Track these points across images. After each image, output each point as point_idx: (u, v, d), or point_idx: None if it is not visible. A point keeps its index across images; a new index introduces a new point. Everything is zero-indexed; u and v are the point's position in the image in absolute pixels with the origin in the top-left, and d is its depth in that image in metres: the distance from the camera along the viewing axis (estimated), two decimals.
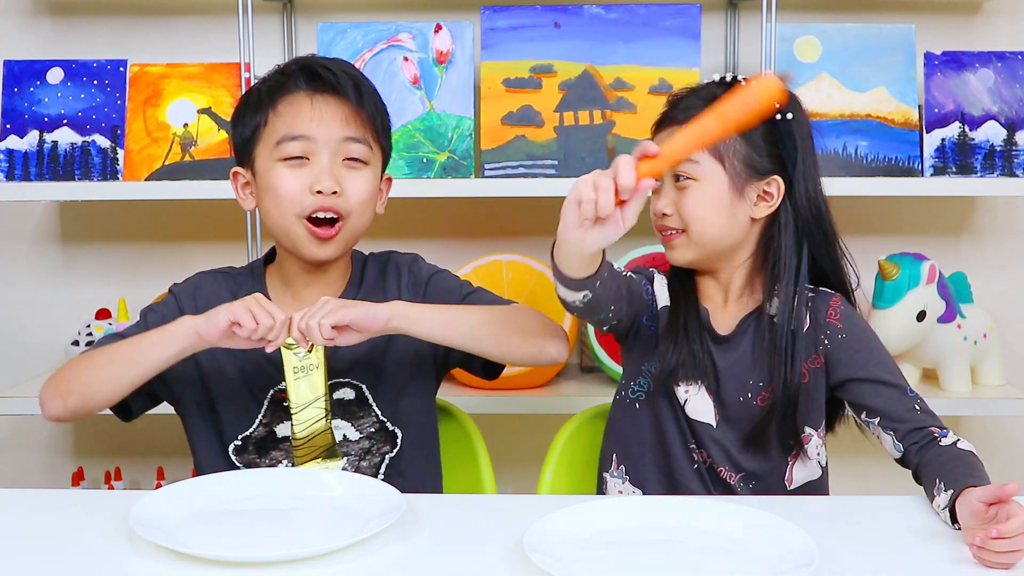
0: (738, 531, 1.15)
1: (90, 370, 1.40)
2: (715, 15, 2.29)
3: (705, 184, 1.39)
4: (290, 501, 1.27)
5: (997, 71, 2.12)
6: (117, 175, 2.12)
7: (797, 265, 1.41)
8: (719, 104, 1.13)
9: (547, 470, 1.61)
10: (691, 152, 1.26)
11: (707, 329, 1.45)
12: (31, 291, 2.40)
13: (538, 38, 2.11)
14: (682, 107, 1.42)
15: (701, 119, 1.14)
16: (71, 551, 1.13)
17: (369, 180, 1.46)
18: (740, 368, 1.43)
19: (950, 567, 1.10)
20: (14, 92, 2.14)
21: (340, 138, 1.43)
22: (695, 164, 1.39)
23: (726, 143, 1.38)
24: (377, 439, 1.50)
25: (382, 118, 1.49)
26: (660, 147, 1.12)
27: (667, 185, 1.43)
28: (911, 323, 2.02)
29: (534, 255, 2.18)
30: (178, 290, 1.54)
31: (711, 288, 1.48)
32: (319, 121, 1.43)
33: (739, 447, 1.43)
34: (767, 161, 1.40)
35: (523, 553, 1.05)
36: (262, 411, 1.49)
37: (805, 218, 1.41)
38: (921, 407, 1.37)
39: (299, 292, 1.52)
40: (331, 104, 1.44)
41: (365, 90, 1.46)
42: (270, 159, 1.44)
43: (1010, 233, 2.37)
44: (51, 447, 2.45)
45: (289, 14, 2.31)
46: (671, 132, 1.41)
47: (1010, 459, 2.41)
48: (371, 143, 1.47)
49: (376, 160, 1.49)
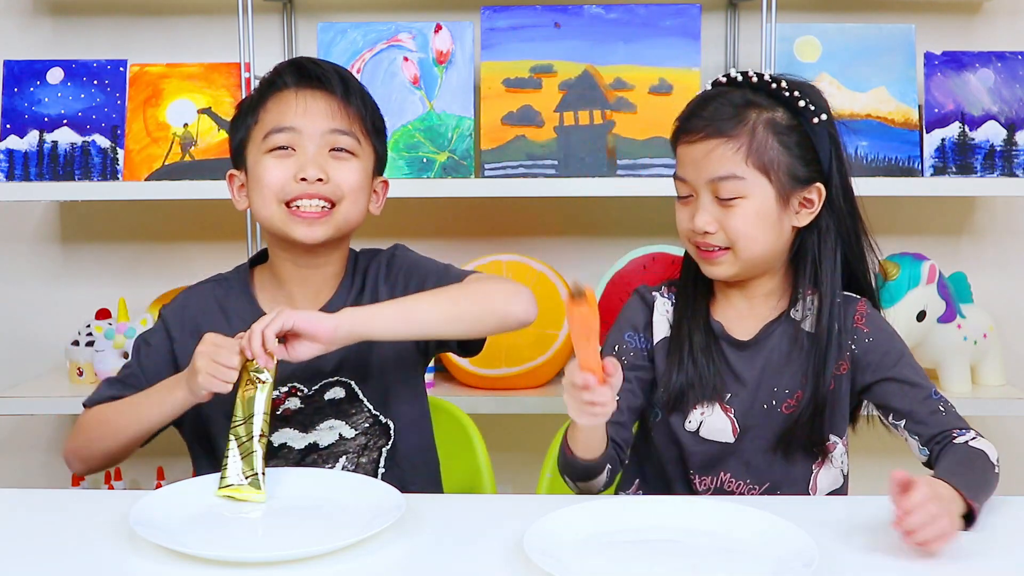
0: (738, 531, 1.15)
1: (100, 438, 1.44)
2: (715, 15, 2.29)
3: (753, 200, 1.35)
4: (290, 501, 1.27)
5: (997, 71, 2.12)
6: (117, 175, 2.12)
7: (833, 270, 1.39)
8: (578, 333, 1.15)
9: (547, 470, 1.61)
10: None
11: (725, 339, 1.43)
12: (31, 291, 2.40)
13: (538, 38, 2.11)
14: (711, 116, 1.36)
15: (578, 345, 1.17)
16: (71, 551, 1.13)
17: (357, 170, 1.46)
18: (765, 375, 1.40)
19: (950, 567, 1.10)
20: (14, 92, 2.14)
21: (326, 129, 1.44)
22: (741, 181, 1.34)
23: (769, 155, 1.34)
24: (372, 434, 1.50)
25: (372, 117, 1.49)
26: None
27: (706, 200, 1.37)
28: (911, 323, 2.02)
29: (534, 255, 2.18)
30: (166, 313, 1.53)
31: (734, 296, 1.45)
32: (304, 113, 1.43)
33: (763, 457, 1.40)
34: (807, 168, 1.37)
35: (523, 553, 1.05)
36: None
37: (841, 220, 1.39)
38: (946, 409, 1.36)
39: (292, 291, 1.51)
40: (317, 97, 1.45)
41: (352, 86, 1.47)
42: (259, 153, 1.45)
43: (1010, 233, 2.37)
44: (51, 447, 2.45)
45: (289, 14, 2.31)
46: (708, 145, 1.35)
47: (1010, 459, 2.39)
48: (359, 136, 1.46)
49: (365, 155, 1.48)
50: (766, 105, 1.36)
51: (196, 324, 1.48)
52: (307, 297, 1.50)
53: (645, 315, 1.48)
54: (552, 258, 2.23)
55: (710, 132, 1.35)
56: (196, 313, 1.51)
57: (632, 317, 1.48)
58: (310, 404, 1.48)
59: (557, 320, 2.08)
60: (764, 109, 1.36)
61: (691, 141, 1.37)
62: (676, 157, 1.42)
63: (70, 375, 2.20)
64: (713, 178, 1.35)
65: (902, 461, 1.41)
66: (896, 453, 1.50)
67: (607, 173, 2.08)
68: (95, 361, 2.12)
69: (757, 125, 1.35)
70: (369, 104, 1.49)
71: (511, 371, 2.06)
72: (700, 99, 1.41)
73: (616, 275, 2.08)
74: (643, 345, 1.46)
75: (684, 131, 1.39)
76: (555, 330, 2.08)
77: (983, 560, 1.12)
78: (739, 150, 1.34)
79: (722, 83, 1.42)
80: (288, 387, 1.47)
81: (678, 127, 1.41)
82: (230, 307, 1.51)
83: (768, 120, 1.35)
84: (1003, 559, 1.13)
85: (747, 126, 1.34)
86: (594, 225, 2.35)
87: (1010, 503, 1.30)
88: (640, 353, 1.46)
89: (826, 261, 1.39)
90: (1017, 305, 2.36)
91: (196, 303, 1.53)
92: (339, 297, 1.51)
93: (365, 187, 1.48)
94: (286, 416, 1.47)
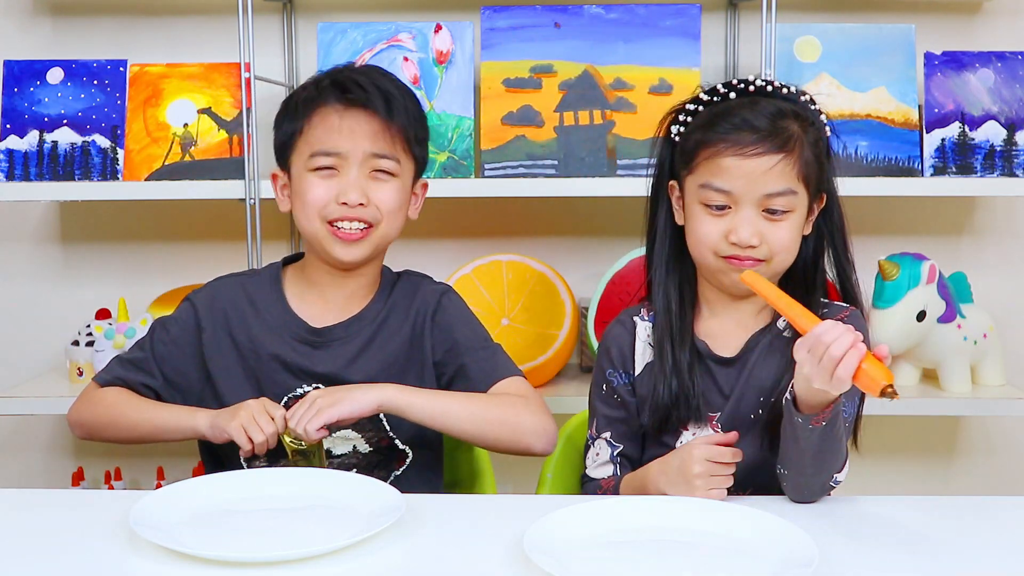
0: (738, 531, 1.15)
1: (110, 425, 1.50)
2: (715, 15, 2.29)
3: (798, 214, 1.36)
4: (290, 501, 1.27)
5: (997, 71, 2.12)
6: (117, 175, 2.12)
7: (823, 278, 1.41)
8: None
9: (547, 470, 1.61)
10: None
11: (711, 357, 1.42)
12: (31, 291, 2.40)
13: (538, 38, 2.11)
14: (763, 130, 1.33)
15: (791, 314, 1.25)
16: (71, 551, 1.13)
17: (396, 191, 1.49)
18: (748, 387, 1.40)
19: (950, 567, 1.10)
20: (14, 92, 2.14)
21: (368, 153, 1.46)
22: (795, 196, 1.34)
23: (809, 168, 1.35)
24: (386, 454, 1.51)
25: (416, 128, 1.51)
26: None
27: (751, 213, 1.34)
28: (911, 323, 2.02)
29: (534, 255, 2.18)
30: (196, 300, 1.55)
31: (723, 311, 1.44)
32: (348, 136, 1.46)
33: (753, 464, 1.39)
34: (821, 179, 1.39)
35: (523, 553, 1.05)
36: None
37: (834, 227, 1.41)
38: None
39: (325, 291, 1.54)
40: (360, 120, 1.46)
41: (396, 104, 1.47)
42: (303, 168, 1.48)
43: (1010, 233, 2.37)
44: (51, 447, 2.45)
45: (289, 14, 2.31)
46: (768, 160, 1.32)
47: (1010, 459, 2.41)
48: (400, 156, 1.49)
49: (406, 171, 1.51)
50: (803, 117, 1.37)
51: (225, 316, 1.50)
52: (338, 301, 1.54)
53: (628, 345, 1.47)
54: (552, 258, 2.23)
55: (769, 147, 1.33)
56: (226, 305, 1.54)
57: (611, 349, 1.48)
58: None
59: (557, 320, 2.08)
60: (801, 122, 1.37)
61: (745, 155, 1.33)
62: (702, 165, 1.36)
63: (70, 375, 2.20)
64: (770, 193, 1.34)
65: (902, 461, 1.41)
66: (896, 453, 1.50)
67: (607, 173, 2.08)
68: (95, 361, 2.12)
69: (801, 139, 1.36)
70: (413, 115, 1.50)
71: None
72: (733, 109, 1.36)
73: (616, 275, 2.08)
74: (624, 380, 1.47)
75: (730, 143, 1.33)
76: (555, 330, 2.08)
77: (983, 560, 1.12)
78: (795, 165, 1.34)
79: (733, 88, 1.39)
80: (312, 386, 1.49)
81: (712, 136, 1.35)
82: (259, 303, 1.54)
83: (807, 134, 1.37)
84: (1003, 559, 1.13)
85: (797, 140, 1.35)
86: (594, 225, 2.35)
87: (1010, 503, 1.30)
88: (625, 388, 1.47)
89: (818, 268, 1.41)
90: (1017, 305, 2.36)
91: (226, 295, 1.55)
92: (370, 311, 1.54)
93: (404, 204, 1.52)
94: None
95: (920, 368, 2.17)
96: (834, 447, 1.26)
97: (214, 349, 1.51)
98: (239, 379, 1.50)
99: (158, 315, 2.10)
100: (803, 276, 1.42)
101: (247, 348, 1.50)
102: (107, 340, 2.10)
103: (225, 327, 1.50)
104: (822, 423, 1.22)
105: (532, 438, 1.45)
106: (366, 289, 1.55)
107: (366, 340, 1.52)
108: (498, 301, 2.09)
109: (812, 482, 1.29)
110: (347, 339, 1.51)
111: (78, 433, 1.54)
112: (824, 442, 1.24)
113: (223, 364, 1.51)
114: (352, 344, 1.51)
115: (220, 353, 1.51)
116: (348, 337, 1.51)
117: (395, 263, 1.63)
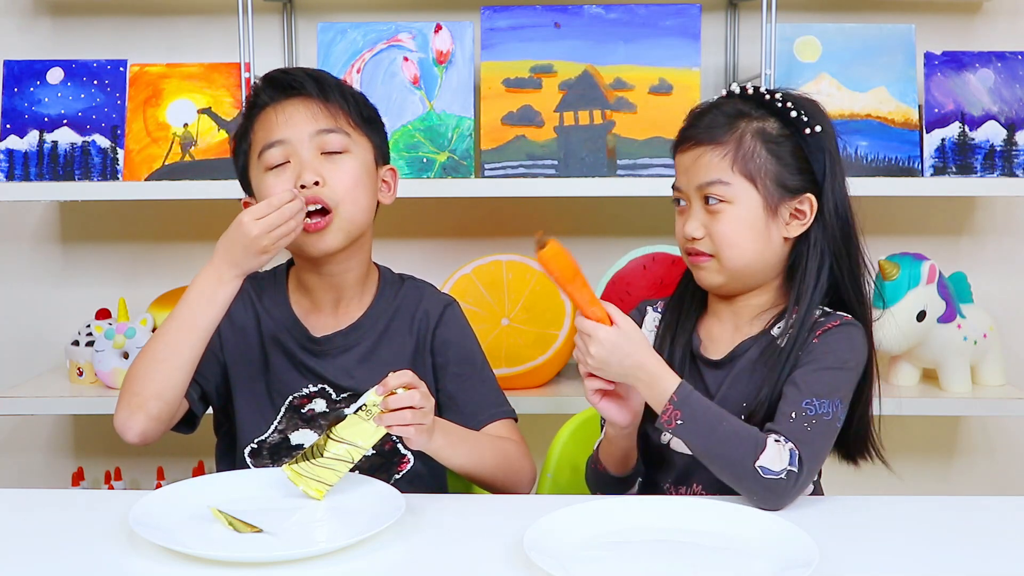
0: (738, 531, 1.15)
1: (150, 368, 1.37)
2: (715, 15, 2.29)
3: (738, 206, 1.36)
4: (290, 501, 1.27)
5: (997, 71, 2.12)
6: (117, 175, 2.12)
7: (814, 285, 1.37)
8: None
9: (547, 470, 1.61)
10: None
11: (700, 358, 1.43)
12: (31, 291, 2.40)
13: (538, 38, 2.11)
14: (704, 126, 1.39)
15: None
16: (71, 551, 1.13)
17: (351, 167, 1.46)
18: (732, 391, 1.39)
19: (950, 567, 1.10)
20: (14, 92, 2.14)
21: (311, 132, 1.45)
22: (727, 186, 1.35)
23: (756, 162, 1.35)
24: (388, 457, 1.51)
25: (359, 108, 1.50)
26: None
27: (696, 206, 1.39)
28: (911, 323, 2.02)
29: (534, 255, 2.18)
30: None
31: (723, 312, 1.44)
32: (287, 123, 1.46)
33: None
34: (798, 179, 1.37)
35: (523, 553, 1.05)
36: (279, 417, 1.50)
37: (832, 234, 1.38)
38: (800, 421, 1.27)
39: (316, 297, 1.54)
40: (297, 105, 1.47)
41: (327, 83, 1.48)
42: (260, 174, 1.48)
43: (1010, 233, 2.37)
44: (51, 447, 2.45)
45: (289, 14, 2.31)
46: (696, 152, 1.38)
47: (1010, 459, 2.41)
48: (347, 131, 1.47)
49: (360, 148, 1.49)
50: (757, 115, 1.38)
51: (229, 312, 1.49)
52: (330, 305, 1.53)
53: (640, 318, 1.50)
54: None
55: (700, 140, 1.38)
56: (252, 293, 1.55)
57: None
58: (334, 410, 1.48)
59: (557, 320, 2.08)
60: (755, 119, 1.38)
61: (683, 150, 1.41)
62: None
63: (70, 375, 2.20)
64: (701, 184, 1.37)
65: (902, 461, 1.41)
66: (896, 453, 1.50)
67: (607, 173, 2.08)
68: (95, 361, 2.12)
69: (746, 133, 1.37)
70: (351, 96, 1.50)
71: (511, 371, 2.05)
72: (695, 112, 1.43)
73: (616, 275, 2.08)
74: None
75: (678, 142, 1.43)
76: (555, 330, 2.08)
77: (983, 560, 1.12)
78: (725, 156, 1.36)
79: (723, 97, 1.43)
80: (319, 387, 1.49)
81: (676, 139, 1.44)
82: (263, 303, 1.54)
83: (758, 129, 1.37)
84: (1003, 559, 1.13)
85: (735, 134, 1.37)
86: (594, 225, 2.35)
87: (1010, 503, 1.30)
88: None
89: (809, 275, 1.38)
90: (1017, 305, 2.36)
91: (248, 283, 1.54)
92: (368, 318, 1.53)
93: (363, 183, 1.48)
94: (310, 416, 1.49)
95: (920, 368, 2.17)
96: (718, 438, 1.25)
97: (226, 347, 1.51)
98: (248, 369, 1.50)
99: (158, 315, 2.11)
100: (798, 282, 1.39)
101: (262, 339, 1.52)
102: (107, 340, 2.10)
103: (231, 325, 1.50)
104: (676, 421, 1.25)
105: (527, 486, 1.51)
106: (359, 292, 1.54)
107: (367, 350, 1.51)
108: (498, 301, 2.09)
109: (725, 474, 1.26)
110: (347, 348, 1.51)
111: (133, 427, 1.37)
112: (698, 438, 1.26)
113: (233, 354, 1.51)
114: (353, 354, 1.51)
115: (242, 335, 1.52)
116: (348, 346, 1.51)
117: (396, 263, 1.63)
